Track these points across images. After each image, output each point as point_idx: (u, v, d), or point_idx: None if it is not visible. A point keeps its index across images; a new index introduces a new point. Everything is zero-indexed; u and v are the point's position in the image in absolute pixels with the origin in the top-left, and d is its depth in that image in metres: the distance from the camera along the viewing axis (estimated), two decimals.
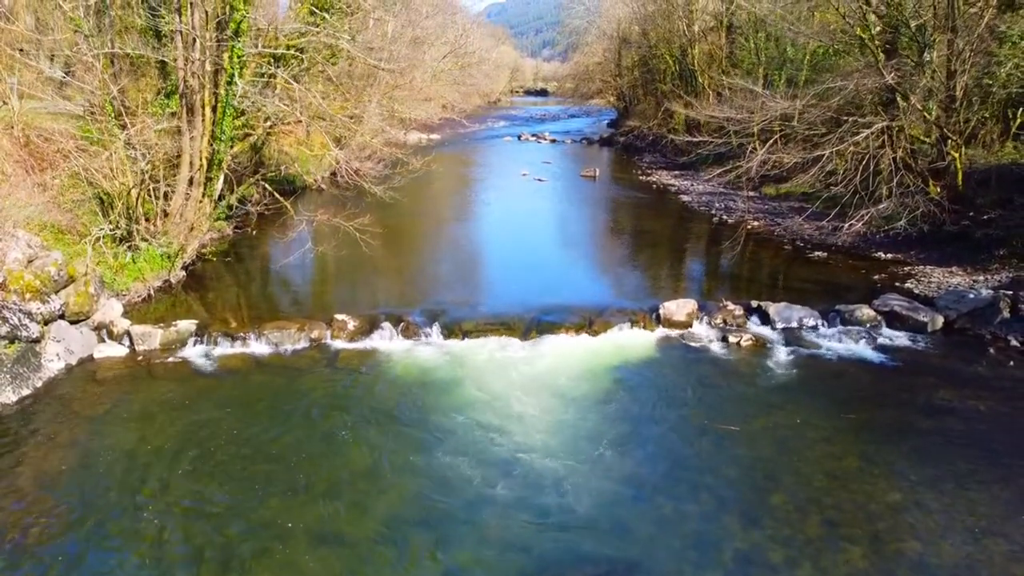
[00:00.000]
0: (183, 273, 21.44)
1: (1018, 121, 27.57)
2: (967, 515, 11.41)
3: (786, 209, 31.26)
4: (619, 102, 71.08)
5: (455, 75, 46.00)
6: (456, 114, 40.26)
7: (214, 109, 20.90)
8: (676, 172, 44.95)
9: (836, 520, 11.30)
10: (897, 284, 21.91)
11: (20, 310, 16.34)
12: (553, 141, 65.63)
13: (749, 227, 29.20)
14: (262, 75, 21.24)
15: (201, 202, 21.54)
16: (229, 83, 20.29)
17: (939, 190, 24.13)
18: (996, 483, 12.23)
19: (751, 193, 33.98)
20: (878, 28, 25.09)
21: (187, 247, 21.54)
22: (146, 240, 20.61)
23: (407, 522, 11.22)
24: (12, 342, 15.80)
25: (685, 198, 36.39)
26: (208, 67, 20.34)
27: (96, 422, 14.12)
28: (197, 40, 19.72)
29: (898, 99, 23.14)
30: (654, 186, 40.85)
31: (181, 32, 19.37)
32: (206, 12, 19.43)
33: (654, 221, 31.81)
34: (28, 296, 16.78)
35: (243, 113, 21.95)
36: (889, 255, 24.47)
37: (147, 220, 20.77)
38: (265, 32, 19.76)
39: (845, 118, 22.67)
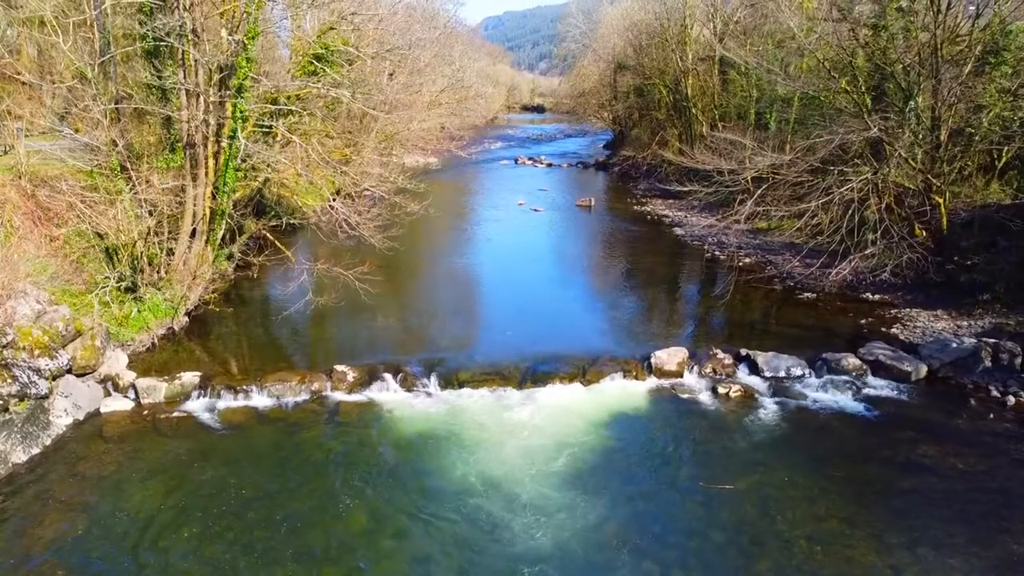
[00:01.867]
0: (186, 319, 21.92)
1: (1003, 160, 28.17)
2: None
3: (777, 245, 31.74)
4: (615, 125, 71.83)
5: (452, 107, 46.75)
6: (454, 146, 40.81)
7: (217, 161, 21.46)
8: (670, 201, 45.54)
9: None
10: (883, 329, 22.47)
11: (29, 367, 16.82)
12: (549, 165, 66.33)
13: (740, 264, 29.86)
14: (264, 127, 21.82)
15: (204, 251, 22.07)
16: (232, 137, 20.85)
17: (924, 234, 24.72)
18: (970, 547, 12.72)
19: (744, 227, 34.56)
20: (864, 73, 25.74)
21: (190, 295, 22.06)
22: (150, 289, 21.11)
23: None
24: (22, 400, 16.28)
25: (679, 231, 36.97)
26: (212, 121, 20.92)
27: (104, 483, 14.57)
28: (200, 96, 20.29)
29: (884, 148, 23.78)
30: (648, 217, 41.46)
31: (186, 90, 19.94)
32: (210, 70, 20.00)
33: (647, 257, 32.31)
34: (37, 352, 17.27)
35: (246, 160, 22.46)
36: (877, 296, 25.04)
37: (151, 267, 21.25)
38: (267, 88, 20.34)
39: (831, 168, 23.30)
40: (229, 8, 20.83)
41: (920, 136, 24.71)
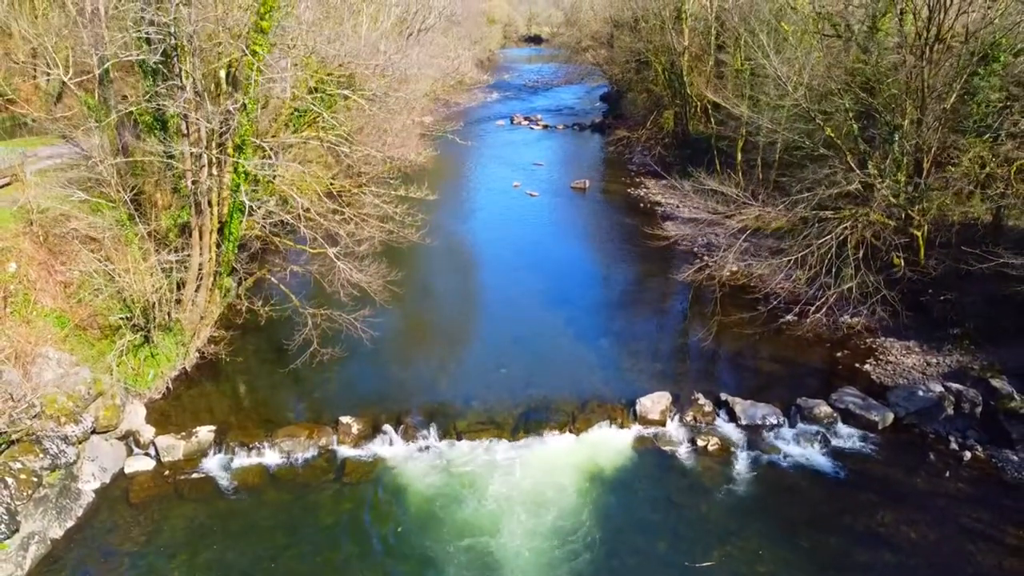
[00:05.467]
0: (197, 355, 23.02)
1: (985, 171, 28.70)
2: None
3: (766, 250, 32.21)
4: (612, 84, 71.43)
5: (449, 91, 46.77)
6: (448, 129, 40.77)
7: (220, 210, 22.26)
8: (663, 182, 46.13)
9: None
10: (857, 365, 23.73)
11: (58, 436, 18.11)
12: (545, 127, 66.23)
13: (728, 272, 30.75)
14: (264, 175, 22.52)
15: (211, 294, 23.10)
16: (234, 191, 21.62)
17: (902, 264, 25.73)
18: None
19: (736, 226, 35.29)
20: (852, 102, 26.22)
21: (200, 333, 23.19)
22: (162, 334, 22.17)
23: None
24: (53, 470, 17.63)
25: (670, 227, 37.53)
26: (215, 173, 21.64)
27: (135, 559, 16.08)
28: (203, 155, 20.96)
29: (871, 188, 24.57)
30: (641, 204, 42.11)
31: (191, 152, 20.59)
32: (212, 130, 20.60)
33: (638, 265, 32.77)
34: (63, 419, 18.53)
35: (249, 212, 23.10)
36: (855, 319, 26.14)
37: (161, 312, 22.23)
38: (267, 145, 20.99)
39: (814, 213, 24.19)
40: (227, 62, 21.28)
41: (904, 167, 25.43)
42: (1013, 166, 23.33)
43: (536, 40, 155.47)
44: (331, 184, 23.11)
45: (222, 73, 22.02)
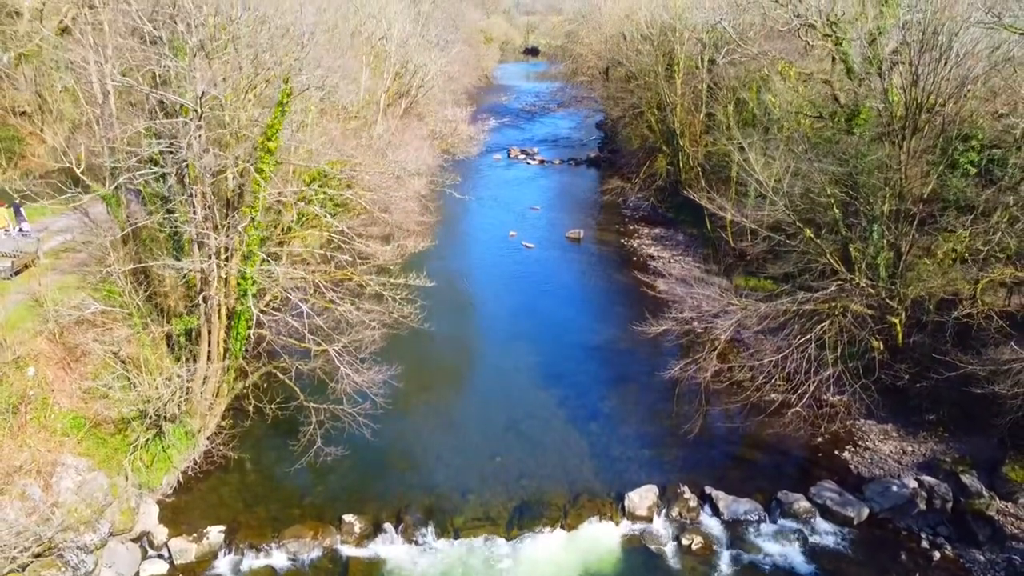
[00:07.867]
0: (205, 450, 23.98)
1: (964, 244, 29.60)
2: None
3: (753, 314, 33.11)
4: (607, 117, 72.64)
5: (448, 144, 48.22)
6: (448, 183, 41.79)
7: (228, 309, 23.37)
8: (657, 231, 47.44)
9: None
10: (836, 452, 24.86)
11: (77, 547, 19.19)
12: (542, 163, 67.27)
13: (716, 345, 31.73)
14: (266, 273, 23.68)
15: (220, 388, 24.20)
16: (241, 297, 22.72)
17: (881, 347, 26.85)
18: None
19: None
20: (835, 195, 27.36)
21: (208, 427, 24.29)
22: (172, 426, 23.23)
23: None
24: None
25: (662, 286, 38.40)
26: (223, 275, 22.73)
27: None
28: (213, 262, 22.05)
29: (845, 282, 25.81)
30: (635, 258, 43.11)
31: (200, 265, 21.68)
32: (221, 244, 21.68)
33: (629, 332, 33.18)
34: (82, 528, 19.62)
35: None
36: (836, 398, 27.18)
37: (171, 409, 23.29)
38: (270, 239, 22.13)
39: (796, 309, 25.44)
40: (233, 173, 22.37)
41: (883, 254, 26.56)
42: (979, 284, 24.45)
43: (534, 52, 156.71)
44: (332, 276, 24.27)
45: (229, 175, 23.11)
